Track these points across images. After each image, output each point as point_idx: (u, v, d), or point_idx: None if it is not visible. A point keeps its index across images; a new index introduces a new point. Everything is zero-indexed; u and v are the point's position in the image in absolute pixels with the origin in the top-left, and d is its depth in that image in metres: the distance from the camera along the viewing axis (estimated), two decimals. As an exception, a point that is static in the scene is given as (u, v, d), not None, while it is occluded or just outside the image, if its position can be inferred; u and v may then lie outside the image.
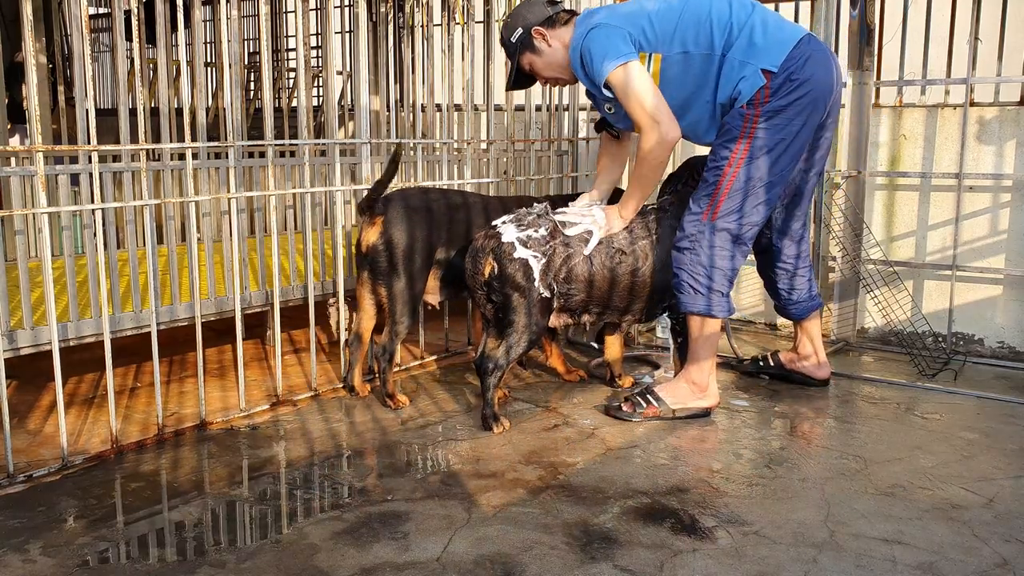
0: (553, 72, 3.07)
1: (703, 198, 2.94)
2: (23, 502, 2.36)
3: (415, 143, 4.05)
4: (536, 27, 2.99)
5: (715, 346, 3.04)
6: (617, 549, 2.10)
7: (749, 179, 2.87)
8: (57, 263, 3.71)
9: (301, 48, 3.33)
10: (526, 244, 2.88)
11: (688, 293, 2.96)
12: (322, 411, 3.12)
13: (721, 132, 2.91)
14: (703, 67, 2.86)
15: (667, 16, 2.87)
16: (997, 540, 2.15)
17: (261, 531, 2.21)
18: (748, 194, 2.88)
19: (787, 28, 2.86)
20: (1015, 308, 3.81)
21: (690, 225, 2.95)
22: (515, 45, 3.04)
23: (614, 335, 3.37)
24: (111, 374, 2.68)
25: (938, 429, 2.94)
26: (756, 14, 2.86)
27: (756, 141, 2.83)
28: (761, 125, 2.82)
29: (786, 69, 2.78)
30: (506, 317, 2.90)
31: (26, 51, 2.41)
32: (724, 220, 2.91)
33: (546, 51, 3.02)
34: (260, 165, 3.60)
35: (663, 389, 3.02)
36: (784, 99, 2.80)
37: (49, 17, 6.11)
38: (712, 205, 2.91)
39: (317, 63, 7.27)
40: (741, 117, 2.84)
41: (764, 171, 2.87)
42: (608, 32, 2.84)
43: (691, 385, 3.00)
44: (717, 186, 2.89)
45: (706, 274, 2.93)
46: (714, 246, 2.92)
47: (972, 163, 3.83)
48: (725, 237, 2.92)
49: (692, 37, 2.85)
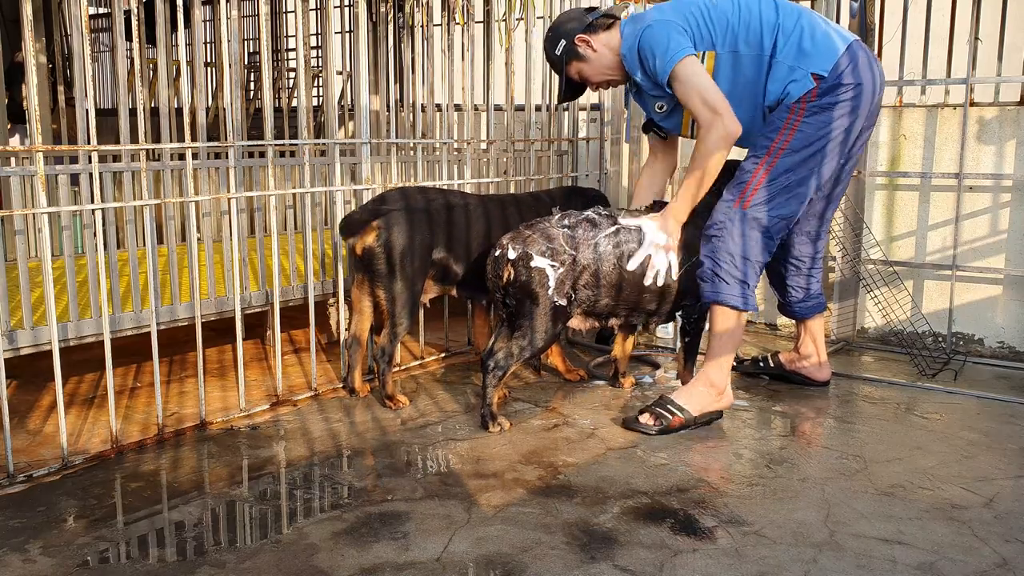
0: (603, 75, 3.08)
1: (737, 186, 2.94)
2: (23, 502, 2.36)
3: (415, 143, 4.05)
4: (579, 35, 3.02)
5: (736, 343, 2.99)
6: (617, 549, 2.10)
7: (786, 171, 2.89)
8: (57, 263, 3.71)
9: (301, 48, 3.33)
10: (544, 253, 2.88)
11: (713, 281, 2.93)
12: (322, 411, 3.12)
13: (766, 125, 2.94)
14: (753, 68, 2.88)
15: (719, 14, 2.88)
16: (997, 540, 2.15)
17: (261, 531, 2.21)
18: (781, 186, 2.90)
19: (835, 33, 2.90)
20: (1015, 308, 3.81)
21: (721, 213, 2.95)
22: (561, 57, 3.07)
23: (623, 334, 3.36)
24: (111, 374, 2.68)
25: (938, 429, 2.94)
26: (804, 18, 2.88)
27: (798, 135, 2.86)
28: (805, 119, 2.85)
29: (836, 74, 2.83)
30: (518, 321, 2.91)
31: (26, 51, 2.41)
32: (755, 210, 2.91)
33: (593, 57, 3.04)
34: (260, 165, 3.60)
35: (681, 396, 2.94)
36: (830, 99, 2.84)
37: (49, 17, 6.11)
38: (745, 194, 2.91)
39: (317, 63, 7.27)
40: (787, 110, 2.87)
41: (801, 165, 2.89)
42: (664, 28, 2.85)
43: (709, 388, 2.94)
44: (753, 175, 2.91)
45: (732, 262, 2.91)
46: (744, 235, 2.91)
47: (972, 163, 3.83)
48: (755, 227, 2.92)
49: (743, 37, 2.86)
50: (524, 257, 2.89)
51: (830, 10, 3.85)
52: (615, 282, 2.97)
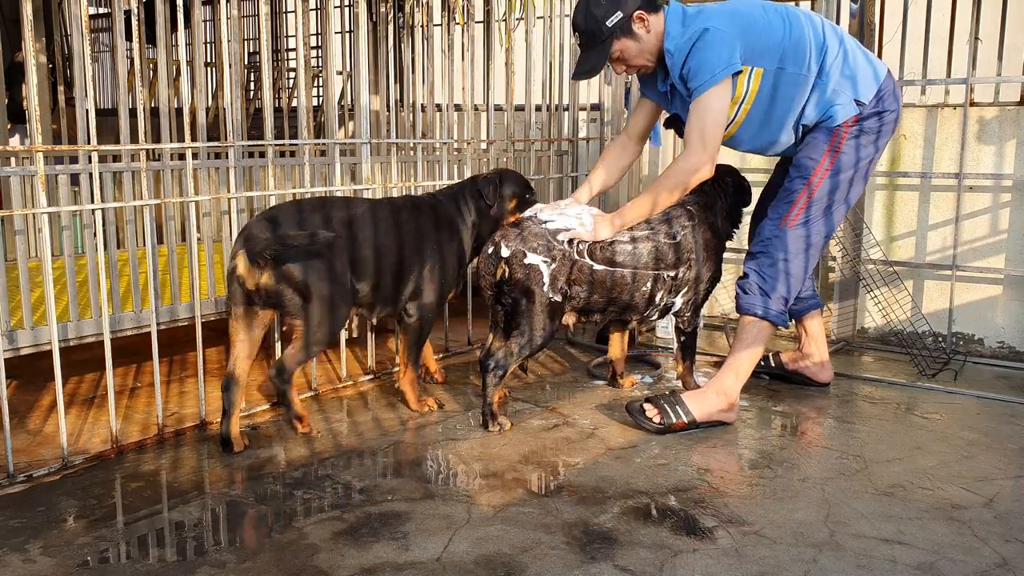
0: (643, 59, 2.94)
1: (783, 205, 2.98)
2: (23, 502, 2.36)
3: (415, 143, 4.05)
4: (639, 11, 2.85)
5: (758, 357, 3.01)
6: (617, 549, 2.10)
7: (832, 191, 2.94)
8: (57, 263, 3.71)
9: (301, 48, 3.33)
10: (537, 249, 2.88)
11: (753, 294, 2.97)
12: (322, 411, 3.12)
13: (805, 146, 2.96)
14: (796, 86, 2.87)
15: (772, 30, 2.85)
16: (997, 540, 2.15)
17: (261, 531, 2.21)
18: (824, 205, 2.95)
19: (874, 61, 2.96)
20: (1015, 308, 3.81)
21: (767, 230, 3.00)
22: (611, 29, 2.84)
23: (619, 334, 3.36)
24: (111, 374, 2.68)
25: (938, 429, 2.94)
26: (846, 42, 2.92)
27: (842, 157, 2.91)
28: (849, 142, 2.91)
29: (880, 100, 2.90)
30: (515, 320, 2.91)
31: (26, 51, 2.41)
32: (800, 228, 2.95)
33: (644, 37, 2.87)
34: (260, 165, 3.59)
35: (691, 398, 2.93)
36: (872, 124, 2.91)
37: (49, 17, 6.10)
38: (792, 212, 2.96)
39: (317, 63, 7.27)
40: (830, 132, 2.91)
41: (844, 185, 2.95)
42: (723, 38, 2.77)
43: (719, 396, 2.93)
44: (800, 194, 2.94)
45: (774, 277, 2.96)
46: (788, 251, 2.96)
47: (972, 163, 3.83)
48: (800, 244, 2.96)
49: (792, 55, 2.85)
50: (518, 254, 2.89)
51: (830, 10, 3.85)
52: (604, 278, 2.97)
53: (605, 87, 4.42)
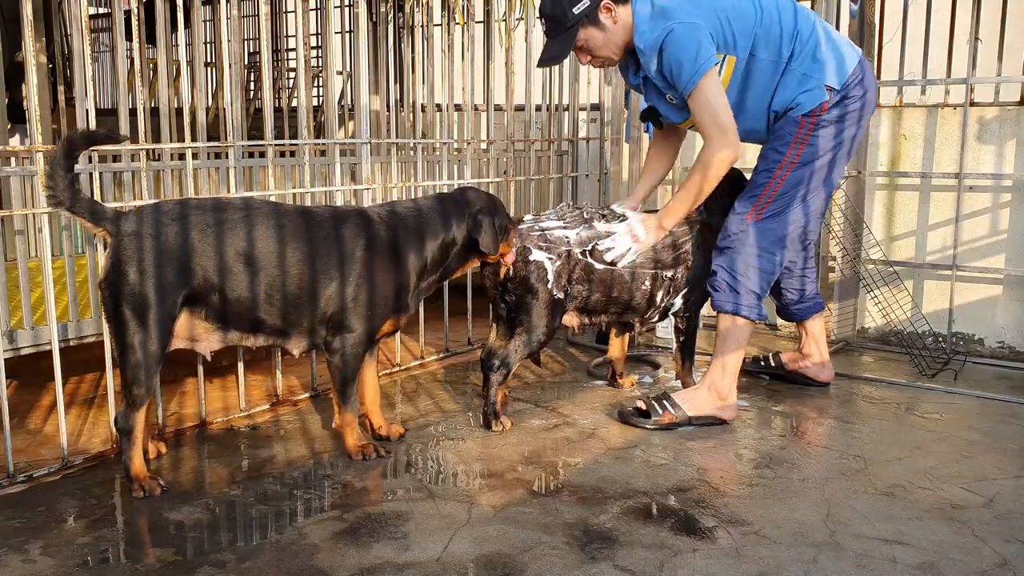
0: (609, 51, 2.90)
1: (749, 199, 2.96)
2: (23, 502, 2.36)
3: (415, 143, 4.05)
4: (605, 2, 2.81)
5: (742, 352, 3.01)
6: (617, 549, 2.10)
7: (797, 183, 2.91)
8: (57, 263, 3.71)
9: (301, 48, 3.33)
10: (541, 246, 2.89)
11: (724, 291, 2.96)
12: (322, 411, 3.12)
13: (773, 136, 2.94)
14: (768, 73, 2.86)
15: (743, 16, 2.82)
16: (997, 540, 2.15)
17: (261, 531, 2.21)
18: (794, 198, 2.93)
19: (845, 45, 2.92)
20: (1015, 308, 3.81)
21: (733, 224, 2.97)
22: (577, 17, 2.80)
23: (619, 334, 3.36)
24: (111, 374, 2.68)
25: (938, 429, 2.94)
26: (818, 26, 2.89)
27: (808, 148, 2.88)
28: (816, 133, 2.87)
29: (846, 87, 2.86)
30: (518, 317, 2.91)
31: (26, 51, 2.41)
32: (768, 222, 2.93)
33: (611, 28, 2.83)
34: (260, 165, 3.60)
35: (681, 396, 2.96)
36: (840, 111, 2.87)
37: (49, 17, 6.10)
38: (758, 206, 2.93)
39: (317, 63, 7.27)
40: (796, 124, 2.87)
41: (812, 177, 2.92)
42: (691, 33, 2.73)
43: (711, 393, 2.95)
44: (765, 188, 2.92)
45: (744, 273, 2.94)
46: (756, 246, 2.93)
47: (972, 163, 3.83)
48: (768, 238, 2.94)
49: (763, 41, 2.83)
50: (522, 251, 2.89)
51: (830, 10, 3.85)
52: (605, 277, 2.97)
53: (605, 87, 4.41)
